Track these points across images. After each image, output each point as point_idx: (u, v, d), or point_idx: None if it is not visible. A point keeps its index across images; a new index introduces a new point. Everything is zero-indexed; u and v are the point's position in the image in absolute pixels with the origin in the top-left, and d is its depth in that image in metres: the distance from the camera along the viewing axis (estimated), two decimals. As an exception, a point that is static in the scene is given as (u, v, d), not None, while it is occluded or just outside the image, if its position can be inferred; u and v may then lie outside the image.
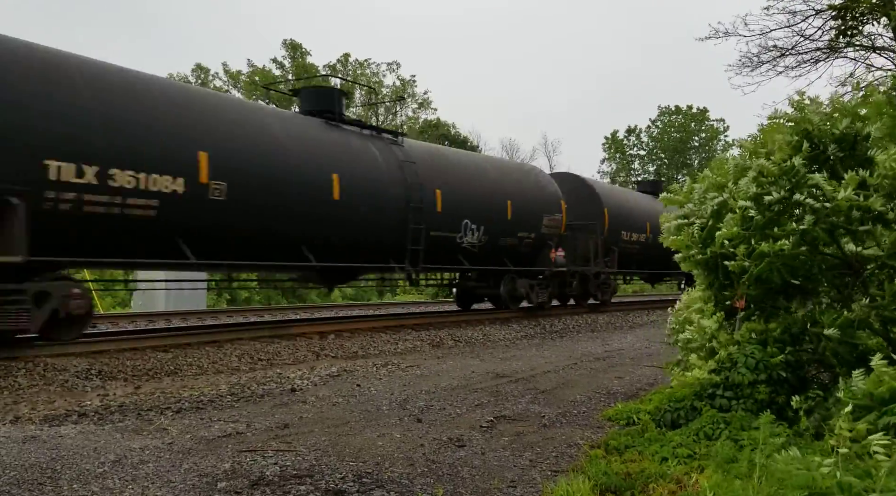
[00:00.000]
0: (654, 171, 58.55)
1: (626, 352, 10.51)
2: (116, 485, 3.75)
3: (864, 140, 4.68)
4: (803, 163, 4.54)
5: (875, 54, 15.64)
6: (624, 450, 4.36)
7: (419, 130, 38.34)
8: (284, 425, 5.30)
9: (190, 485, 3.77)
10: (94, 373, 7.63)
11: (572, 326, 15.28)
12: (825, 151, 4.74)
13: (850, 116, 4.67)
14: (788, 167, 4.55)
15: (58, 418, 5.64)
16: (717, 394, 4.84)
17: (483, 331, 13.10)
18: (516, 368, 8.54)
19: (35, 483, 3.80)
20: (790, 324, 4.98)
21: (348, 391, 6.92)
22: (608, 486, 3.57)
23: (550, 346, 11.49)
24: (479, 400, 6.36)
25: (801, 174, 4.51)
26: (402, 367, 8.69)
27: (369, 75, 41.78)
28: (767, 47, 15.94)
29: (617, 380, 7.65)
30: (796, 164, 4.52)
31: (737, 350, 4.95)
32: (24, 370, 7.36)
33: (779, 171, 4.59)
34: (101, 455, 4.36)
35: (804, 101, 4.97)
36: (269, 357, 9.33)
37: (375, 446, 4.61)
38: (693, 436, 4.37)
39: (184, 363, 8.46)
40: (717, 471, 3.41)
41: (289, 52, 39.81)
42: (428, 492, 3.66)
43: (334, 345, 10.47)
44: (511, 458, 4.35)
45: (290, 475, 3.94)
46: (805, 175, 4.51)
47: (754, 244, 4.61)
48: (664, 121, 58.86)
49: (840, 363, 4.57)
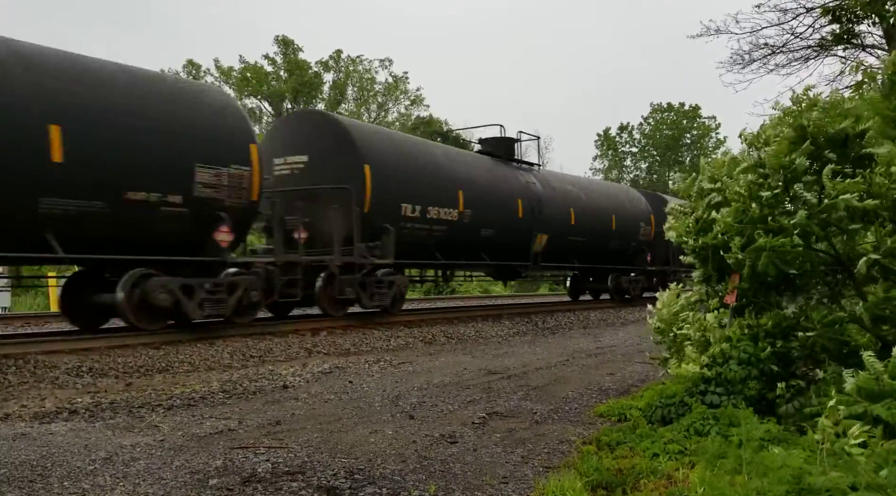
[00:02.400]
0: (646, 168, 58.72)
1: (617, 348, 10.55)
2: (107, 483, 3.74)
3: (857, 137, 4.70)
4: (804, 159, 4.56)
5: (865, 53, 15.74)
6: (615, 446, 4.37)
7: (411, 127, 38.27)
8: (276, 422, 5.30)
9: (181, 481, 3.76)
10: (84, 370, 7.60)
11: (564, 323, 15.32)
12: (821, 148, 4.75)
13: (851, 117, 4.68)
14: (787, 162, 4.56)
15: (48, 415, 5.62)
16: (709, 390, 4.86)
17: (475, 328, 13.11)
18: (508, 365, 8.56)
19: (25, 480, 3.78)
20: (781, 320, 5.01)
21: (340, 388, 6.91)
22: (600, 482, 3.58)
23: (542, 343, 11.52)
24: (472, 396, 6.37)
25: (799, 170, 4.53)
26: (394, 364, 8.69)
27: (361, 72, 41.69)
28: (759, 45, 16.04)
29: (609, 376, 7.67)
30: (796, 160, 4.54)
31: (728, 346, 4.97)
32: (14, 367, 7.32)
33: (776, 164, 4.60)
34: (92, 452, 4.35)
35: (804, 96, 4.97)
36: (261, 354, 9.31)
37: (367, 443, 4.61)
38: (684, 432, 4.39)
39: (175, 360, 8.44)
40: (706, 467, 3.43)
41: (281, 49, 39.70)
42: (420, 488, 3.67)
43: (326, 341, 10.46)
44: (503, 455, 4.36)
45: (281, 472, 3.94)
46: (804, 170, 4.53)
47: (751, 235, 4.61)
48: (656, 118, 59.01)
49: (829, 358, 4.61)
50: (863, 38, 15.36)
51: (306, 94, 39.40)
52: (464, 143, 24.88)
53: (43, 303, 19.04)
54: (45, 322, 12.98)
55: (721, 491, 2.94)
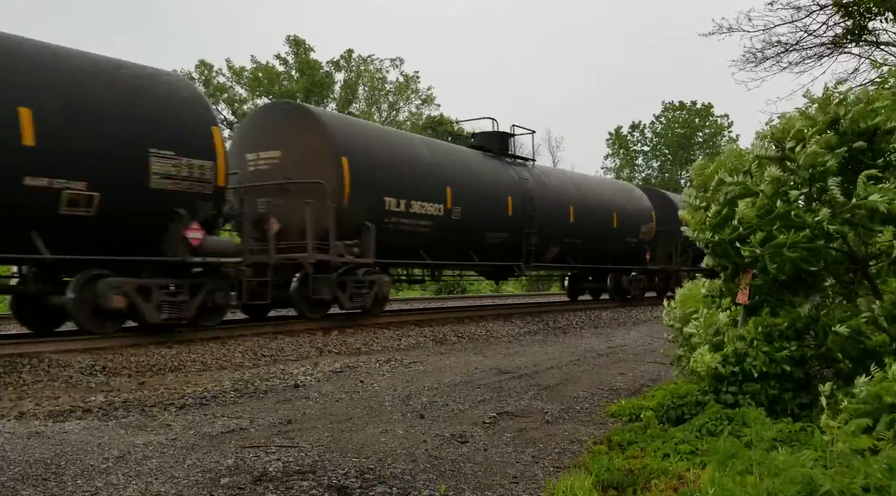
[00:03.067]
0: (657, 166, 58.43)
1: (629, 348, 10.51)
2: (120, 481, 3.77)
3: (886, 134, 4.64)
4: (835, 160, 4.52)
5: (879, 50, 15.59)
6: (627, 446, 4.36)
7: (422, 127, 38.29)
8: (287, 421, 5.32)
9: (193, 480, 3.78)
10: (97, 369, 7.65)
11: (575, 323, 15.28)
12: (851, 143, 4.70)
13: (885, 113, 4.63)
14: (820, 161, 4.53)
15: (62, 414, 5.66)
16: (722, 389, 4.82)
17: (486, 328, 13.10)
18: (519, 364, 8.55)
19: (40, 478, 3.81)
20: (795, 319, 4.96)
21: (351, 387, 6.93)
22: (610, 482, 3.57)
23: (553, 343, 11.49)
24: (482, 396, 6.37)
25: (831, 170, 4.49)
26: (405, 363, 8.70)
27: (372, 71, 41.73)
28: (771, 43, 15.90)
29: (620, 376, 7.65)
30: (829, 161, 4.50)
31: (744, 345, 4.92)
32: (28, 366, 7.39)
33: (810, 162, 4.56)
34: (105, 450, 4.38)
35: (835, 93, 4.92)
36: (273, 353, 9.35)
37: (378, 442, 4.62)
38: (696, 432, 4.37)
39: (187, 359, 8.48)
40: (718, 468, 3.41)
41: (292, 48, 39.78)
42: (430, 488, 3.67)
43: (337, 341, 10.48)
44: (513, 454, 4.36)
45: (292, 471, 3.96)
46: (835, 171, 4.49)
47: (771, 232, 4.57)
48: (668, 117, 58.69)
49: (846, 359, 4.56)
50: (877, 35, 15.21)
51: (317, 94, 39.48)
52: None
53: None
54: (59, 321, 13.00)
55: (732, 491, 2.92)
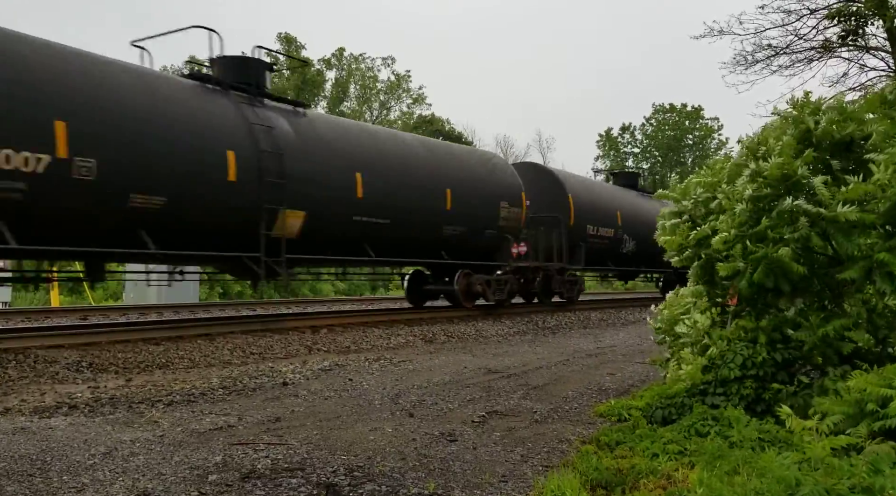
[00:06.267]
0: (647, 168, 58.67)
1: (618, 348, 10.55)
2: (107, 477, 3.75)
3: (861, 141, 4.69)
4: (806, 168, 4.55)
5: (869, 55, 15.73)
6: (615, 446, 4.37)
7: (413, 126, 38.27)
8: (276, 419, 5.30)
9: (181, 477, 3.77)
10: (84, 365, 7.60)
11: (565, 323, 15.32)
12: (825, 154, 4.75)
13: (856, 121, 4.66)
14: (790, 172, 4.56)
15: (48, 410, 5.62)
16: (709, 391, 4.86)
17: (476, 327, 13.11)
18: (508, 364, 8.56)
19: (25, 474, 3.78)
20: (780, 323, 5.01)
21: (340, 385, 6.92)
22: (598, 482, 3.58)
23: (543, 343, 11.51)
24: (471, 395, 6.37)
25: (801, 179, 4.52)
26: (394, 362, 8.70)
27: (364, 70, 41.69)
28: (762, 46, 16.03)
29: (609, 376, 7.67)
30: (799, 170, 4.53)
31: (727, 347, 4.97)
32: (14, 362, 7.33)
33: (779, 175, 4.59)
34: (92, 447, 4.35)
35: (806, 101, 4.96)
36: (261, 351, 9.32)
37: (367, 440, 4.62)
38: (684, 432, 4.39)
39: (175, 356, 8.44)
40: (706, 468, 3.43)
41: (283, 46, 39.67)
42: (419, 486, 3.67)
43: (326, 339, 10.46)
44: (502, 453, 4.36)
45: (281, 468, 3.94)
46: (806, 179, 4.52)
47: (751, 247, 4.62)
48: (658, 119, 58.98)
49: (825, 362, 4.62)
50: (867, 40, 15.35)
51: (308, 92, 39.37)
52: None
53: (43, 299, 19.05)
54: (45, 317, 12.99)
55: (719, 491, 2.94)
